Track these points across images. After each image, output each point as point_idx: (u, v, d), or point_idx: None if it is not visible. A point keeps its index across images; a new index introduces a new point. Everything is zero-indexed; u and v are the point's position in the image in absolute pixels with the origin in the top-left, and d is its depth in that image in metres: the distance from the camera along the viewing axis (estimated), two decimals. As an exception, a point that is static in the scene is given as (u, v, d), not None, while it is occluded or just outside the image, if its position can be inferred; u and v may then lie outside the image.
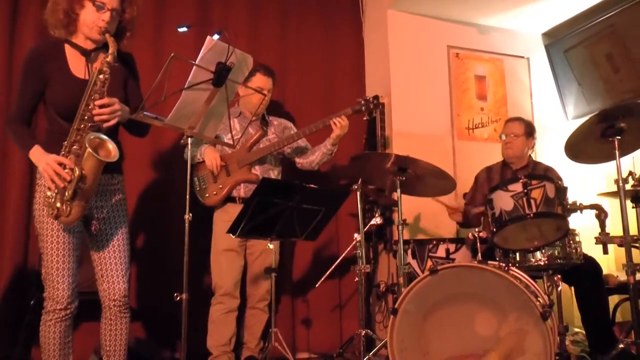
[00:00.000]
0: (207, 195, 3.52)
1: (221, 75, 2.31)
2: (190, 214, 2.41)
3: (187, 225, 2.39)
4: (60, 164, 2.26)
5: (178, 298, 2.38)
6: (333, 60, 4.71)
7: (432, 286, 2.60)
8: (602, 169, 4.23)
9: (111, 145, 2.32)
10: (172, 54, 2.17)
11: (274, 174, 3.66)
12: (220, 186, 3.50)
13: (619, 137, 2.75)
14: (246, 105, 3.66)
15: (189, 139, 2.45)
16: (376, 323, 4.24)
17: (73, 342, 2.53)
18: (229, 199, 3.52)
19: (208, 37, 2.30)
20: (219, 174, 3.50)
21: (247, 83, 3.33)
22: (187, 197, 2.44)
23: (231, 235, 3.09)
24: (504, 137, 3.81)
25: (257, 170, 3.55)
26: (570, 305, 3.95)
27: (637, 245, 2.92)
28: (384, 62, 4.62)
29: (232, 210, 3.41)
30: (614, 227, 3.64)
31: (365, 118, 3.57)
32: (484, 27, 4.92)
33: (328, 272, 3.62)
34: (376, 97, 3.50)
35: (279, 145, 3.55)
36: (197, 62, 2.30)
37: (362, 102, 3.49)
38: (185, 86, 2.31)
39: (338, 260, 3.65)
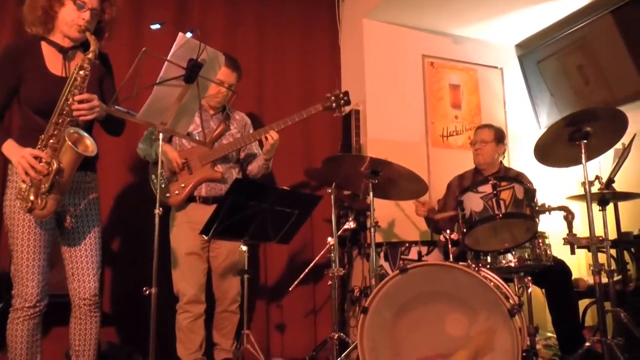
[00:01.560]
0: (169, 194, 3.35)
1: (192, 71, 2.34)
2: (161, 209, 2.41)
3: (157, 219, 2.38)
4: (35, 157, 2.26)
5: (147, 292, 2.36)
6: (310, 66, 4.77)
7: (402, 285, 2.62)
8: (573, 175, 4.33)
9: (89, 141, 2.34)
10: (143, 49, 2.18)
11: (236, 172, 3.56)
12: (183, 185, 3.36)
13: (586, 141, 2.81)
14: (207, 98, 3.41)
15: (160, 134, 2.47)
16: (350, 328, 4.25)
17: (43, 344, 2.50)
18: (190, 198, 3.39)
19: (180, 33, 2.33)
20: (181, 172, 3.37)
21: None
22: (158, 191, 2.44)
23: (194, 234, 3.04)
24: (474, 144, 3.90)
25: (220, 168, 3.43)
26: (543, 310, 4.00)
27: (602, 246, 2.97)
28: (359, 70, 4.68)
29: (193, 212, 3.36)
30: (582, 231, 3.71)
31: (335, 114, 3.56)
32: (458, 38, 5.02)
33: (301, 277, 3.63)
34: (346, 93, 3.48)
35: (242, 142, 3.44)
36: (168, 58, 2.32)
37: (332, 97, 3.46)
38: (157, 81, 2.33)
39: (311, 264, 3.66)
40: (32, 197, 2.26)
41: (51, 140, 2.29)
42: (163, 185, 3.35)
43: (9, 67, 2.41)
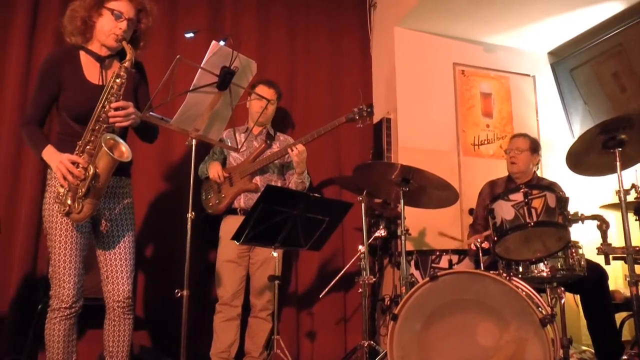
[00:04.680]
0: (211, 204, 3.68)
1: (225, 78, 2.38)
2: (193, 213, 2.45)
3: (189, 223, 2.43)
4: (73, 163, 2.33)
5: (179, 294, 2.40)
6: (340, 76, 4.79)
7: (433, 293, 2.61)
8: (607, 183, 4.24)
9: (124, 147, 2.40)
10: (177, 56, 2.23)
11: (277, 185, 3.69)
12: (223, 195, 3.63)
13: (620, 149, 2.76)
14: (251, 117, 3.78)
15: (193, 140, 2.52)
16: (381, 337, 4.23)
17: (78, 346, 2.56)
18: (231, 210, 3.62)
19: (213, 41, 2.38)
20: (223, 184, 3.61)
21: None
22: (191, 195, 2.48)
23: (234, 244, 3.12)
24: (508, 152, 3.86)
25: (258, 180, 3.62)
26: (578, 322, 3.93)
27: (639, 257, 2.89)
28: (390, 78, 4.68)
29: (233, 222, 3.50)
30: (618, 241, 3.63)
31: (358, 125, 3.62)
32: (489, 45, 4.98)
33: (332, 284, 3.66)
34: (370, 105, 3.62)
35: (277, 155, 3.61)
36: (202, 65, 2.36)
37: (356, 110, 3.59)
38: (190, 88, 2.37)
39: (342, 272, 3.68)
40: (69, 201, 2.33)
41: (88, 146, 2.36)
42: (209, 196, 3.69)
43: (49, 75, 2.49)
